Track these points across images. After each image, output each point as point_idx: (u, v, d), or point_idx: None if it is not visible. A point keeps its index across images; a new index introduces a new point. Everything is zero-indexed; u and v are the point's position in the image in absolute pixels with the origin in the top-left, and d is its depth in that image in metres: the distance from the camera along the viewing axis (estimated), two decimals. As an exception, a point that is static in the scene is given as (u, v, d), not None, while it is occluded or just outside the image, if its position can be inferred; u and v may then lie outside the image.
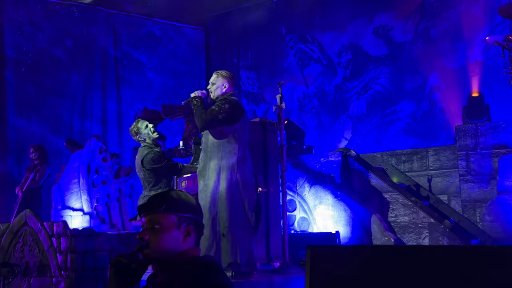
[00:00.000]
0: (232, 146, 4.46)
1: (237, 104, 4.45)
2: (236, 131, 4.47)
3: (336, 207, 6.51)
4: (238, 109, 4.43)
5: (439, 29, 9.45)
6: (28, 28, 10.05)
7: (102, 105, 10.77)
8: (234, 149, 4.46)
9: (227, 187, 4.40)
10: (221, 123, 4.39)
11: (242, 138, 4.51)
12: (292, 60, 11.17)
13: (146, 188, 5.09)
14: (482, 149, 6.47)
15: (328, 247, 2.04)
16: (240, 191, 4.45)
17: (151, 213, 1.71)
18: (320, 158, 7.42)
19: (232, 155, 4.46)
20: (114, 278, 1.65)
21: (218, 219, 4.41)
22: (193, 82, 11.81)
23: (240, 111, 4.44)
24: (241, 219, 4.45)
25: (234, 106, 4.41)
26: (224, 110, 4.37)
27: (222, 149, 4.46)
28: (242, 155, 4.49)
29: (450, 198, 6.91)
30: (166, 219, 1.70)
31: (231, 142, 4.46)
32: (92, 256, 4.32)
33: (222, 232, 4.38)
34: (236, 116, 4.40)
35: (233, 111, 4.38)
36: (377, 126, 10.01)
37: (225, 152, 4.46)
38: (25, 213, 4.65)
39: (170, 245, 1.68)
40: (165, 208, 1.70)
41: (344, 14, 10.52)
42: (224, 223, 4.39)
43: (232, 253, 4.38)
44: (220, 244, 4.39)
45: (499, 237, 6.06)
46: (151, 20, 11.59)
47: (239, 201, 4.46)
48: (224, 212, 4.40)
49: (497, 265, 1.52)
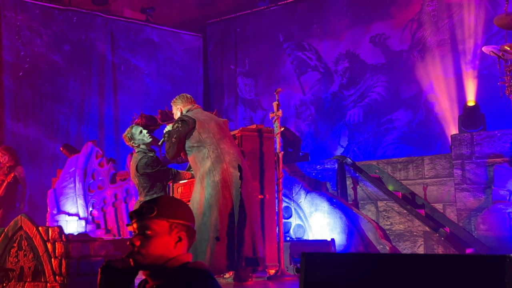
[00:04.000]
0: (202, 152, 4.59)
1: (185, 117, 4.65)
2: (199, 137, 4.59)
3: (332, 214, 6.52)
4: (186, 121, 4.61)
5: (435, 39, 9.51)
6: (26, 33, 10.07)
7: (99, 110, 10.78)
8: (205, 154, 4.58)
9: (211, 191, 4.49)
10: (179, 143, 4.60)
11: (209, 140, 4.60)
12: (289, 68, 11.22)
13: (141, 193, 5.09)
14: (477, 158, 6.50)
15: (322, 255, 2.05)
16: (225, 189, 4.51)
17: (142, 219, 1.70)
18: (316, 165, 7.43)
19: (205, 160, 4.57)
20: (104, 284, 1.65)
21: (207, 226, 4.43)
22: (190, 88, 11.83)
23: (191, 121, 4.60)
24: (231, 218, 4.49)
25: (182, 121, 4.62)
26: (174, 131, 4.62)
27: (197, 159, 4.61)
28: (215, 155, 4.58)
29: (445, 207, 6.93)
30: (157, 225, 1.69)
31: (200, 150, 4.60)
32: (87, 262, 4.31)
33: (216, 236, 4.40)
34: (186, 127, 4.59)
35: (183, 126, 4.60)
36: (373, 134, 10.04)
37: (200, 161, 4.59)
38: (20, 218, 4.64)
39: (161, 251, 1.67)
40: (156, 214, 1.69)
41: (341, 23, 10.58)
42: (215, 226, 4.42)
43: (221, 257, 4.40)
44: (215, 249, 4.40)
45: (494, 246, 6.07)
46: (149, 26, 11.62)
47: (227, 200, 4.51)
48: (213, 216, 4.44)
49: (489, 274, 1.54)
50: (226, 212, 4.48)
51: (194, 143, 4.59)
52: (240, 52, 11.90)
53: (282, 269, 5.22)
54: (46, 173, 9.71)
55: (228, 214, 4.49)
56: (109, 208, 7.92)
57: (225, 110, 11.93)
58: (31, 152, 9.84)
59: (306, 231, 6.74)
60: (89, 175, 8.17)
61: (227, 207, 4.50)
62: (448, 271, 1.61)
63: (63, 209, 8.15)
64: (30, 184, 9.64)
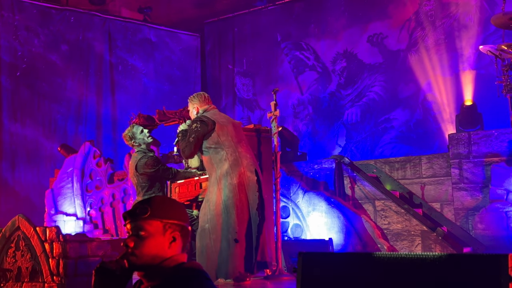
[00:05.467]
0: (220, 154, 4.58)
1: (204, 118, 4.63)
2: (218, 139, 4.59)
3: (330, 214, 6.52)
4: (205, 122, 4.59)
5: (433, 38, 9.52)
6: (23, 33, 10.05)
7: (96, 110, 10.77)
8: (223, 156, 4.58)
9: (228, 193, 4.50)
10: (196, 142, 4.58)
11: (227, 143, 4.61)
12: (287, 67, 11.22)
13: (139, 193, 5.09)
14: (474, 158, 6.51)
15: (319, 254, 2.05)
16: (242, 192, 4.54)
17: (136, 219, 1.69)
18: (314, 165, 7.44)
19: (223, 162, 4.57)
20: (98, 286, 1.65)
21: (225, 227, 4.45)
22: (188, 88, 11.82)
23: (210, 123, 4.60)
24: (248, 220, 4.51)
25: (201, 122, 4.60)
26: (192, 131, 4.59)
27: (214, 161, 4.60)
28: (233, 158, 4.58)
29: (443, 206, 6.94)
30: (151, 225, 1.68)
31: (218, 152, 4.59)
32: (84, 262, 4.31)
33: (234, 238, 4.42)
34: (205, 128, 4.58)
35: (202, 127, 4.58)
36: (371, 134, 10.05)
37: (216, 163, 4.58)
38: (18, 218, 4.63)
39: (155, 252, 1.67)
40: (149, 215, 1.68)
41: (338, 22, 10.59)
42: (234, 228, 4.44)
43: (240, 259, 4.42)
44: (230, 251, 4.42)
45: (491, 245, 6.08)
46: (147, 26, 11.62)
47: (244, 202, 4.53)
48: (231, 218, 4.46)
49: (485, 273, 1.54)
50: (243, 215, 4.51)
51: (212, 144, 4.60)
52: (238, 51, 11.90)
53: (280, 268, 5.22)
54: (43, 173, 9.71)
55: (245, 217, 4.52)
56: (107, 208, 7.91)
57: (223, 110, 11.92)
58: (29, 152, 9.83)
59: (304, 231, 6.75)
60: (86, 175, 8.16)
61: (244, 210, 4.53)
62: (445, 270, 1.61)
63: (60, 209, 8.14)
64: (28, 184, 9.65)
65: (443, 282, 1.60)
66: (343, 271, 1.78)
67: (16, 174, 9.66)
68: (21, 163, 9.56)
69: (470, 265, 1.58)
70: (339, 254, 2.28)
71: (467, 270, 1.57)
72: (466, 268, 1.58)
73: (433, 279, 1.62)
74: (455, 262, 1.61)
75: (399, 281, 1.68)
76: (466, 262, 1.59)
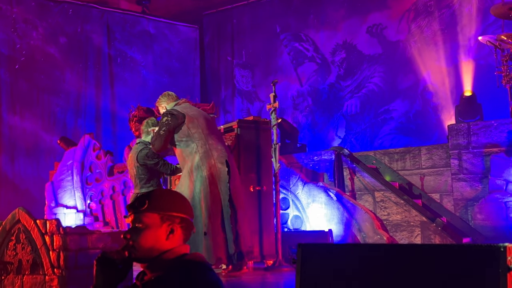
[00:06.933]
0: (191, 147, 4.62)
1: (173, 111, 4.67)
2: (188, 131, 4.61)
3: (329, 205, 6.54)
4: (175, 115, 4.63)
5: (432, 28, 9.49)
6: (21, 25, 10.02)
7: (96, 102, 10.75)
8: (193, 149, 4.62)
9: (199, 186, 4.53)
10: (167, 136, 4.61)
11: (197, 135, 4.64)
12: (286, 59, 11.19)
13: (137, 185, 5.08)
14: (474, 148, 6.51)
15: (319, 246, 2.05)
16: (213, 184, 4.56)
17: (136, 212, 1.73)
18: (314, 156, 7.44)
19: (193, 154, 4.61)
20: (100, 275, 1.68)
21: (200, 218, 4.47)
22: (187, 80, 11.80)
23: (180, 116, 4.63)
24: (220, 212, 4.53)
25: (171, 115, 4.64)
26: (162, 124, 4.63)
27: (185, 154, 4.64)
28: (203, 150, 4.61)
29: (442, 197, 6.95)
30: (148, 217, 1.71)
31: (188, 145, 4.63)
32: (85, 254, 4.32)
33: (204, 231, 4.44)
34: (176, 121, 4.62)
35: (172, 120, 4.62)
36: (371, 125, 10.05)
37: (187, 156, 4.62)
38: (18, 211, 4.64)
39: (151, 243, 1.69)
40: (147, 207, 1.71)
41: (338, 13, 10.55)
42: (204, 221, 4.46)
43: (215, 249, 4.44)
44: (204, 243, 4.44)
45: (491, 235, 6.10)
46: (145, 17, 11.57)
47: (215, 195, 4.55)
48: (201, 211, 4.49)
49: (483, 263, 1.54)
50: (214, 207, 4.54)
51: (182, 137, 4.63)
52: (237, 43, 11.86)
53: (280, 260, 5.24)
54: (43, 166, 9.71)
55: (218, 209, 4.55)
56: (107, 200, 7.92)
57: (222, 102, 11.91)
58: (28, 145, 9.83)
59: (304, 222, 6.76)
60: (86, 167, 8.16)
61: (216, 203, 4.56)
62: (444, 260, 1.61)
63: (61, 202, 8.16)
64: (28, 177, 9.66)
65: (443, 272, 1.61)
66: (342, 262, 1.79)
67: (16, 167, 9.66)
68: (21, 156, 9.56)
69: (469, 256, 1.58)
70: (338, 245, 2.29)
71: (466, 261, 1.58)
72: (465, 258, 1.58)
73: (432, 270, 1.62)
74: (454, 253, 1.61)
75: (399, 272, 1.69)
76: (465, 253, 1.59)
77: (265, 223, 5.34)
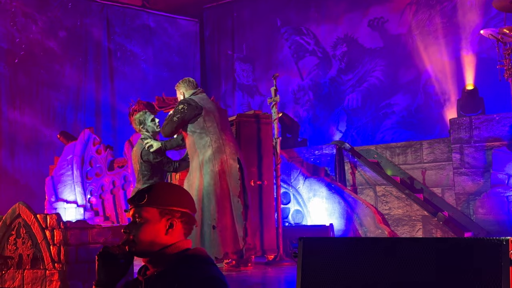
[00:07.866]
0: (204, 140, 4.60)
1: (191, 101, 4.64)
2: (204, 124, 4.59)
3: (330, 199, 6.52)
4: (193, 106, 4.61)
5: (434, 22, 9.44)
6: (21, 19, 9.98)
7: (95, 97, 10.73)
8: (207, 142, 4.60)
9: (209, 180, 4.52)
10: (179, 124, 4.59)
11: (212, 129, 4.62)
12: (287, 53, 11.15)
13: (139, 180, 5.07)
14: (476, 142, 6.49)
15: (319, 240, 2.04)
16: (223, 180, 4.55)
17: (136, 206, 1.73)
18: (315, 150, 7.42)
19: (206, 148, 4.59)
20: (102, 270, 1.69)
21: (207, 213, 4.46)
22: (187, 74, 11.72)
23: (198, 107, 4.61)
24: (229, 208, 4.52)
25: (188, 104, 4.61)
26: (177, 111, 4.61)
27: (197, 146, 4.61)
28: (217, 145, 4.60)
29: (444, 191, 6.93)
30: (148, 212, 1.70)
31: (202, 137, 4.61)
32: (85, 249, 4.31)
33: (212, 224, 4.43)
34: (192, 112, 4.59)
35: (189, 109, 4.59)
36: (372, 119, 10.02)
37: (200, 148, 4.60)
38: (18, 205, 4.63)
39: (150, 238, 1.69)
40: (146, 202, 1.71)
41: (339, 6, 10.49)
42: (213, 215, 4.45)
43: (223, 243, 4.43)
44: (211, 236, 4.43)
45: (492, 229, 6.09)
46: (145, 11, 11.52)
47: (224, 190, 4.54)
48: (211, 205, 4.48)
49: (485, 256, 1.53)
50: (223, 202, 4.53)
51: (197, 129, 4.61)
52: (237, 37, 11.82)
53: (280, 254, 5.23)
54: (43, 161, 9.70)
55: (226, 204, 4.54)
56: (107, 195, 7.92)
57: (222, 96, 11.88)
58: (28, 140, 9.81)
59: (305, 217, 6.75)
60: (86, 162, 8.15)
61: (225, 198, 4.55)
62: (446, 254, 1.60)
63: (61, 196, 8.15)
64: (28, 172, 9.64)
65: (445, 266, 1.59)
66: (343, 256, 1.78)
67: (16, 162, 9.65)
68: (21, 150, 9.54)
69: (471, 250, 1.57)
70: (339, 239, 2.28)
71: (469, 254, 1.57)
72: (468, 252, 1.57)
73: (434, 264, 1.61)
74: (456, 246, 1.60)
75: (400, 266, 1.68)
76: (468, 246, 1.58)
77: (266, 218, 5.33)
